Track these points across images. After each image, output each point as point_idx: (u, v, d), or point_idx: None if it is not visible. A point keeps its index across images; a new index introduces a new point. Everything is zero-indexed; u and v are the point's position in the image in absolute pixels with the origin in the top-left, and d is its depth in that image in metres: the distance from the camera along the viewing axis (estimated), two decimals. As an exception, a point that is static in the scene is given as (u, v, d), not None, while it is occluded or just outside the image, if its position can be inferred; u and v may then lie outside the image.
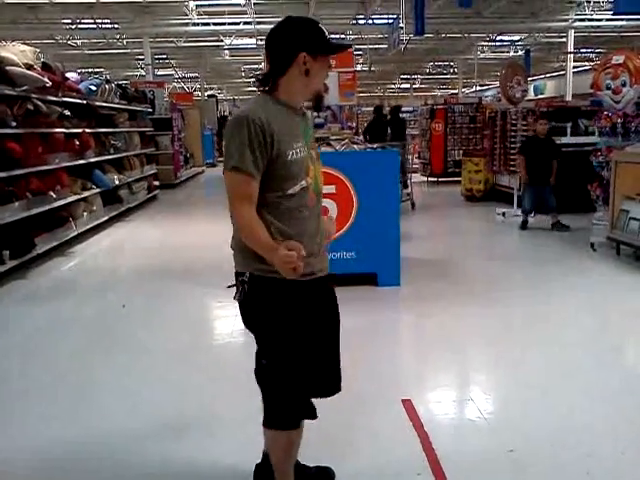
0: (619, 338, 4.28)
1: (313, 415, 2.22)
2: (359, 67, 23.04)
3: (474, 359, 3.92)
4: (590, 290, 5.36)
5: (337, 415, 3.02)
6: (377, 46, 21.16)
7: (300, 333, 2.08)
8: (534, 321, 4.53)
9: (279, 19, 2.12)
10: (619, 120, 6.87)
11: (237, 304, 2.13)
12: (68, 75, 8.40)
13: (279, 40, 2.05)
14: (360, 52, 21.52)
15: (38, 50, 7.18)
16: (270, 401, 2.18)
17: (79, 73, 9.94)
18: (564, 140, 9.34)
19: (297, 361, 2.10)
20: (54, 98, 7.38)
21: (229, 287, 2.17)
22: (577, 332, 4.32)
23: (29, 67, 6.59)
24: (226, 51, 22.94)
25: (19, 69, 6.34)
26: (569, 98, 19.92)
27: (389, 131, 11.06)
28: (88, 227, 8.22)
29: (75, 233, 7.67)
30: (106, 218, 9.02)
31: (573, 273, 5.86)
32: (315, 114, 8.70)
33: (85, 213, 8.17)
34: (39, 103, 6.89)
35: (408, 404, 3.14)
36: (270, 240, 1.98)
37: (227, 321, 4.53)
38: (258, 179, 1.97)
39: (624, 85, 6.84)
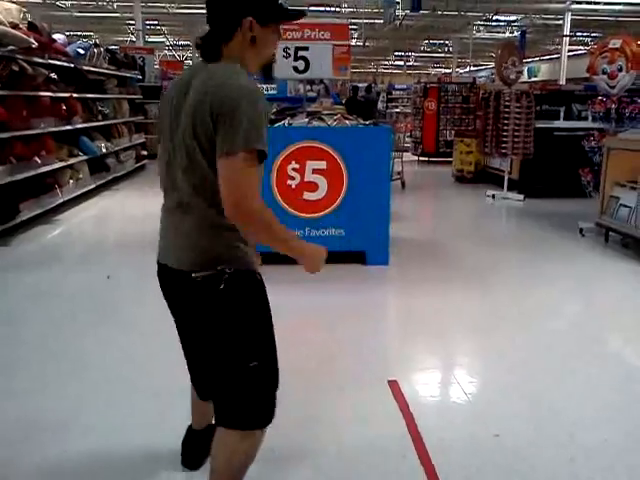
0: (603, 326, 4.28)
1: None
2: (353, 42, 22.73)
3: (460, 342, 3.91)
4: (576, 277, 5.37)
5: (322, 395, 3.01)
6: (372, 21, 20.85)
7: (269, 322, 1.95)
8: (520, 306, 4.52)
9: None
10: (613, 105, 6.84)
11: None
12: (55, 37, 8.16)
13: (221, 1, 1.80)
14: (355, 27, 21.18)
15: (24, 9, 6.97)
16: (252, 401, 1.91)
17: (67, 36, 9.67)
18: (557, 124, 9.32)
19: (274, 350, 1.96)
20: (40, 60, 7.15)
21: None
22: (561, 319, 4.33)
23: (14, 26, 6.38)
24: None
25: (3, 27, 6.13)
26: (563, 82, 19.87)
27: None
28: (74, 195, 8.07)
29: (61, 200, 7.54)
30: (93, 186, 8.87)
31: (560, 258, 5.85)
32: (308, 87, 8.55)
33: (71, 181, 8.03)
34: (24, 64, 6.68)
35: (394, 385, 3.12)
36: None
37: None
38: None
39: (620, 70, 6.78)
